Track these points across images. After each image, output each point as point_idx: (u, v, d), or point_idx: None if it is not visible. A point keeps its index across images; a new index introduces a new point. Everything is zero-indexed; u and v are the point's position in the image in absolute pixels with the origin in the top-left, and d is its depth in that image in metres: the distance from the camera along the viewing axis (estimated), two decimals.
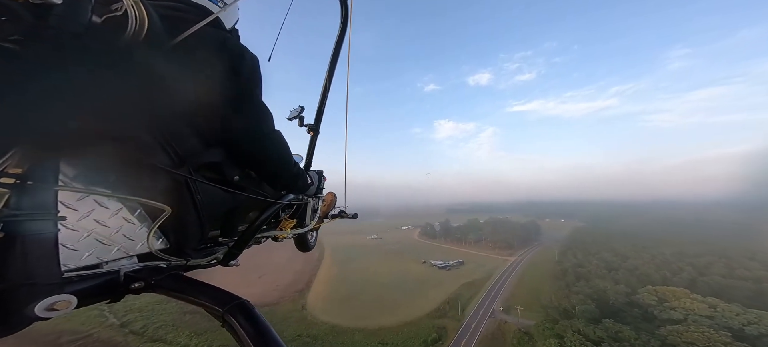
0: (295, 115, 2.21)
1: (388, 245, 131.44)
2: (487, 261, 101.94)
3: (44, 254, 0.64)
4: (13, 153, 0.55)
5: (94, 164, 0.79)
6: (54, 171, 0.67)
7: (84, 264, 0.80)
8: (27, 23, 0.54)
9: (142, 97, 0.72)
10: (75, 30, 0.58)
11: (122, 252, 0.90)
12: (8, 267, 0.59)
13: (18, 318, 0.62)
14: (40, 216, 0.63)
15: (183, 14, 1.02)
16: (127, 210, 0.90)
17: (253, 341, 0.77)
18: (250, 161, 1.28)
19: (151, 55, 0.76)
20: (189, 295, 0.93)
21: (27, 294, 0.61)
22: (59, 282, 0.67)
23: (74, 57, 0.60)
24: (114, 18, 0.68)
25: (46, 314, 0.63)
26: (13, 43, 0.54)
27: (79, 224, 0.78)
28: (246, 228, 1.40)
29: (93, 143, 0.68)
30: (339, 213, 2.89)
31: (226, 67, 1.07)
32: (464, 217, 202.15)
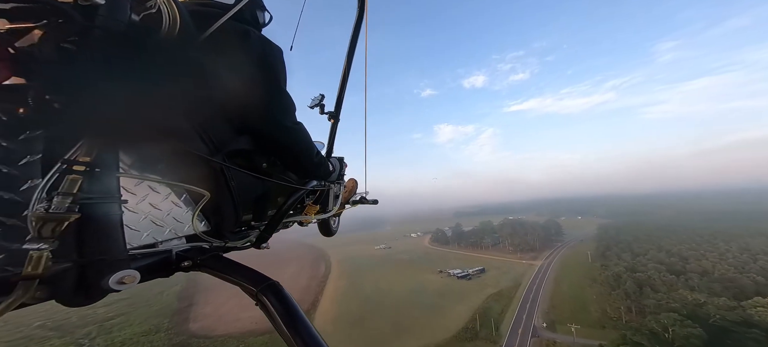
0: (316, 103, 2.24)
1: (398, 254, 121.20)
2: (510, 267, 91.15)
3: (113, 233, 0.71)
4: (81, 143, 0.62)
5: (145, 153, 0.87)
6: (115, 159, 0.74)
7: (144, 243, 0.90)
8: (79, 24, 0.59)
9: (180, 89, 0.77)
10: (118, 28, 0.63)
11: (173, 233, 0.99)
12: (85, 244, 0.66)
13: (96, 290, 0.69)
14: (108, 200, 0.70)
15: (210, 9, 1.10)
16: (174, 195, 0.99)
17: (283, 319, 0.85)
18: (275, 149, 1.34)
19: (184, 50, 0.82)
20: (228, 274, 1.01)
21: (102, 268, 0.68)
22: (126, 259, 0.74)
23: (119, 53, 0.64)
24: (150, 15, 0.73)
25: (117, 286, 0.70)
26: (70, 44, 0.59)
27: (137, 207, 0.87)
28: (275, 212, 1.47)
29: (143, 133, 0.74)
30: (360, 199, 2.88)
31: (251, 59, 1.13)
32: (475, 220, 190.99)
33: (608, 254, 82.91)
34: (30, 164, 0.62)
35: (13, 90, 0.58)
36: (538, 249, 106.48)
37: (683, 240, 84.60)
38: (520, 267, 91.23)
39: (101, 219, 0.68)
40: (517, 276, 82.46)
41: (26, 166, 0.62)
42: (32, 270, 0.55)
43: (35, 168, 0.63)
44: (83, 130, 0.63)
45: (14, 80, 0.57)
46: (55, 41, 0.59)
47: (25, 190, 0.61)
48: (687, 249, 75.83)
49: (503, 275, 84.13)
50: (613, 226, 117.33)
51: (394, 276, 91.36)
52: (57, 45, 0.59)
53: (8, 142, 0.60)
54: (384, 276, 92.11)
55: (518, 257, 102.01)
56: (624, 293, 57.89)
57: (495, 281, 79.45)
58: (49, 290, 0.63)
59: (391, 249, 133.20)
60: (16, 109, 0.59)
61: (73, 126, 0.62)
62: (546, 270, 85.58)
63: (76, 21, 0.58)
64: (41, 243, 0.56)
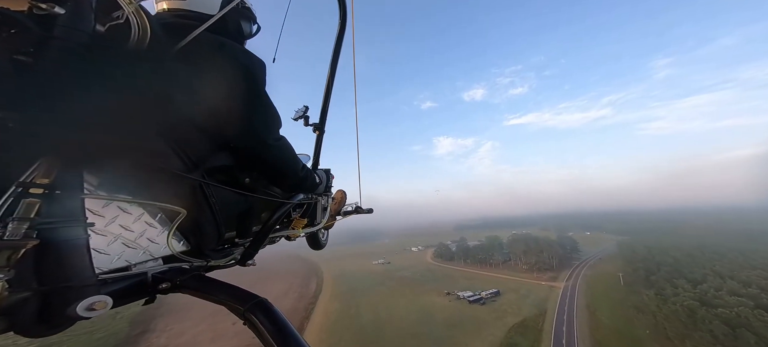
0: (300, 115, 2.19)
1: (399, 271, 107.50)
2: (528, 290, 78.12)
3: (78, 258, 0.67)
4: (39, 164, 0.57)
5: (114, 171, 0.81)
6: (79, 179, 0.69)
7: (115, 267, 0.85)
8: (36, 35, 0.55)
9: (150, 103, 0.72)
10: (80, 39, 0.59)
11: (148, 254, 0.94)
12: (47, 272, 0.62)
13: (61, 318, 0.64)
14: (71, 223, 0.65)
15: (184, 21, 1.06)
16: (148, 215, 0.94)
17: (274, 338, 0.79)
18: (256, 164, 1.29)
19: (155, 63, 0.78)
20: (212, 294, 0.95)
21: (66, 295, 0.64)
22: (95, 284, 0.70)
23: (83, 66, 0.60)
24: (116, 26, 0.69)
25: (86, 313, 0.66)
26: (26, 56, 0.55)
27: (106, 229, 0.82)
28: (260, 228, 1.43)
29: (109, 151, 0.69)
30: (354, 210, 2.81)
31: (229, 73, 1.08)
32: (480, 234, 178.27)
33: (655, 279, 68.41)
34: None
35: None
36: (555, 268, 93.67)
37: (741, 264, 69.32)
38: (539, 289, 78.23)
39: (64, 244, 0.64)
40: (539, 300, 69.45)
41: None
42: None
43: None
44: (40, 150, 0.58)
45: None
46: (7, 53, 0.54)
47: None
48: (760, 278, 59.39)
49: (522, 299, 71.06)
50: (638, 244, 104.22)
51: (395, 298, 77.88)
52: (10, 57, 0.54)
53: None
54: (383, 298, 78.57)
55: (535, 277, 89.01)
56: (710, 334, 43.60)
57: (514, 307, 66.41)
58: (6, 321, 0.59)
59: (391, 265, 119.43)
60: None
61: (29, 145, 0.57)
62: (572, 294, 72.62)
63: (31, 31, 0.54)
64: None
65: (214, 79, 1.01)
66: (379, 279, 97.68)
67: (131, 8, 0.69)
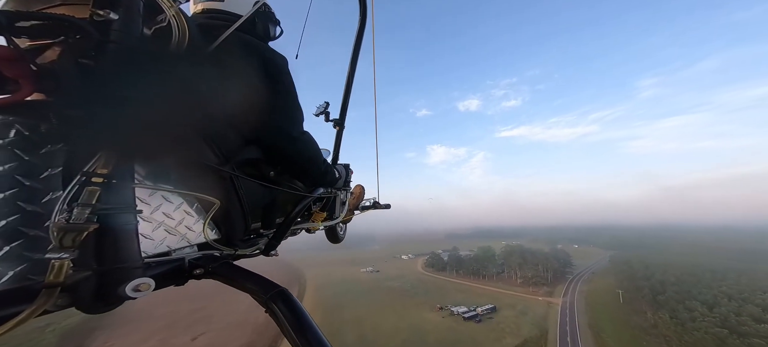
0: (321, 111, 2.24)
1: (388, 281, 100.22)
2: (525, 305, 72.74)
3: (129, 241, 0.72)
4: (99, 156, 0.62)
5: (159, 163, 0.89)
6: (130, 170, 0.74)
7: (158, 252, 0.91)
8: (95, 39, 0.60)
9: (189, 101, 0.77)
10: (131, 43, 0.64)
11: (185, 241, 1.00)
12: (103, 253, 0.67)
13: (113, 297, 0.69)
14: (124, 210, 0.70)
15: (215, 22, 1.13)
16: (186, 204, 1.00)
17: (292, 326, 0.84)
18: (282, 158, 1.34)
19: (193, 62, 0.84)
20: (239, 282, 1.00)
21: (119, 275, 0.69)
22: (142, 266, 0.75)
23: (133, 66, 0.65)
24: (160, 29, 0.75)
25: (133, 294, 0.70)
26: (88, 59, 0.60)
27: (151, 216, 0.89)
28: (282, 220, 1.48)
29: (156, 144, 0.74)
30: (372, 205, 2.85)
31: (256, 70, 1.13)
32: (471, 243, 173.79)
33: (663, 300, 62.07)
34: (51, 177, 0.64)
35: (35, 106, 0.60)
36: (550, 282, 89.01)
37: (746, 286, 64.33)
38: (536, 305, 72.99)
39: (118, 228, 0.69)
40: (537, 318, 64.05)
41: (47, 179, 0.64)
42: (54, 279, 0.56)
43: (56, 180, 0.65)
44: (101, 143, 0.63)
45: (36, 96, 0.59)
46: (73, 57, 0.60)
47: (46, 202, 0.63)
48: (752, 292, 56.15)
49: (520, 316, 65.48)
50: (628, 258, 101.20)
51: (384, 312, 70.68)
52: (75, 60, 0.60)
53: (30, 157, 0.62)
54: (370, 312, 71.15)
55: (531, 291, 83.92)
56: None
57: (513, 325, 60.66)
58: (70, 297, 0.64)
59: (380, 274, 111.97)
60: (38, 125, 0.61)
61: (92, 139, 0.63)
62: (571, 310, 67.66)
63: (92, 36, 0.60)
64: (62, 253, 0.57)
65: (243, 76, 1.06)
66: (367, 290, 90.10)
67: (172, 11, 0.75)
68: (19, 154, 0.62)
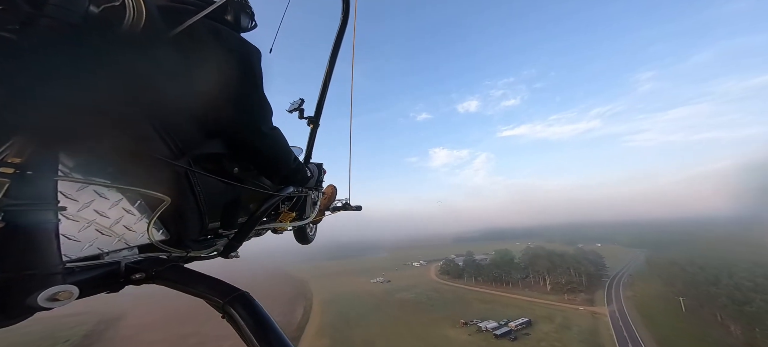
0: (295, 108, 2.15)
1: (400, 292, 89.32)
2: (565, 317, 61.32)
3: (45, 244, 0.63)
4: (12, 142, 0.54)
5: (93, 154, 0.78)
6: (53, 161, 0.66)
7: (85, 255, 0.80)
8: (24, 12, 0.53)
9: (140, 88, 0.70)
10: (72, 20, 0.57)
11: (123, 242, 0.89)
12: (9, 257, 0.58)
13: (19, 308, 0.61)
14: (41, 206, 0.62)
15: (184, 6, 1.02)
16: (126, 201, 0.89)
17: (254, 332, 0.76)
18: (248, 154, 1.26)
19: (148, 47, 0.75)
20: (190, 286, 0.91)
21: (28, 284, 0.60)
22: (60, 273, 0.66)
23: (71, 47, 0.58)
24: (112, 8, 0.67)
25: (47, 304, 0.62)
26: (10, 33, 0.53)
27: (79, 214, 0.77)
28: (246, 220, 1.38)
29: (91, 133, 0.67)
30: (343, 206, 2.78)
31: (224, 60, 1.05)
32: (483, 247, 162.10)
33: (750, 311, 47.88)
34: None
35: None
36: (584, 287, 77.12)
37: None
38: (578, 316, 61.54)
39: (31, 228, 0.60)
40: (585, 332, 52.75)
41: None
42: None
43: None
44: (15, 128, 0.55)
45: None
46: None
47: None
48: None
49: (563, 331, 54.22)
50: (680, 260, 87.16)
51: (399, 330, 59.94)
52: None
53: None
54: (384, 330, 60.46)
55: (566, 300, 72.27)
56: None
57: (557, 343, 49.78)
58: None
59: (391, 284, 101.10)
60: None
61: (4, 123, 0.55)
62: (625, 322, 55.99)
63: (20, 8, 0.53)
64: None
65: (209, 64, 0.99)
66: (378, 304, 79.38)
67: None
68: None
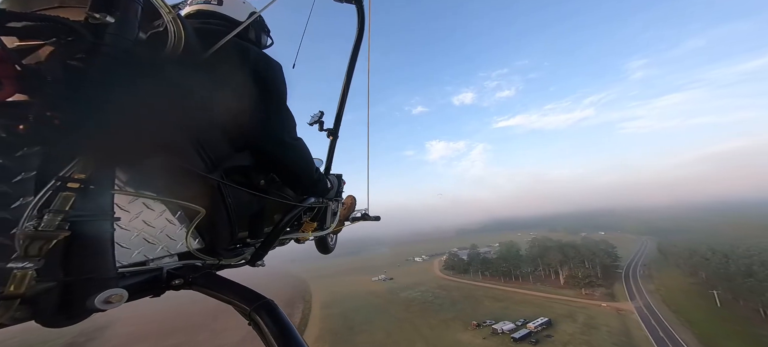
0: (315, 120, 2.23)
1: (405, 290, 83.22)
2: (588, 315, 55.57)
3: (102, 251, 0.68)
4: (77, 161, 0.59)
5: (143, 169, 0.84)
6: (110, 176, 0.71)
7: (134, 261, 0.87)
8: (88, 42, 0.58)
9: (180, 106, 0.75)
10: (125, 46, 0.63)
11: (165, 250, 0.96)
12: (73, 262, 0.63)
13: (79, 309, 0.65)
14: (100, 217, 0.67)
15: (213, 27, 1.12)
16: (169, 212, 0.96)
17: (277, 340, 0.79)
18: (273, 166, 1.31)
19: (187, 67, 0.82)
20: (221, 293, 0.95)
21: (87, 287, 0.65)
22: (114, 277, 0.71)
23: (124, 71, 0.63)
24: (156, 33, 0.73)
25: (102, 306, 0.66)
26: (77, 61, 0.59)
27: (130, 224, 0.84)
28: (271, 229, 1.44)
29: (141, 150, 0.72)
30: (362, 216, 2.84)
31: (251, 76, 1.12)
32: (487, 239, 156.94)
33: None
34: (24, 181, 0.60)
35: (15, 106, 0.57)
36: (600, 280, 71.51)
37: None
38: (602, 314, 55.86)
39: (92, 236, 0.65)
40: (615, 333, 46.98)
41: (20, 183, 0.60)
42: (14, 290, 0.52)
43: (29, 185, 0.60)
44: (81, 147, 0.60)
45: (18, 97, 0.57)
46: (62, 58, 0.58)
47: (16, 208, 0.59)
48: None
49: (591, 332, 48.39)
50: (700, 248, 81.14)
51: (406, 335, 53.69)
52: (64, 62, 0.58)
53: (4, 159, 0.58)
54: (390, 335, 54.17)
55: (584, 294, 66.71)
56: None
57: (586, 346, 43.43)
58: (30, 310, 0.60)
59: (394, 282, 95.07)
60: (16, 126, 0.58)
61: (72, 143, 0.60)
62: (658, 321, 50.27)
63: (84, 39, 0.58)
64: (26, 262, 0.53)
65: (238, 81, 1.04)
66: (382, 304, 73.25)
67: (170, 16, 0.73)
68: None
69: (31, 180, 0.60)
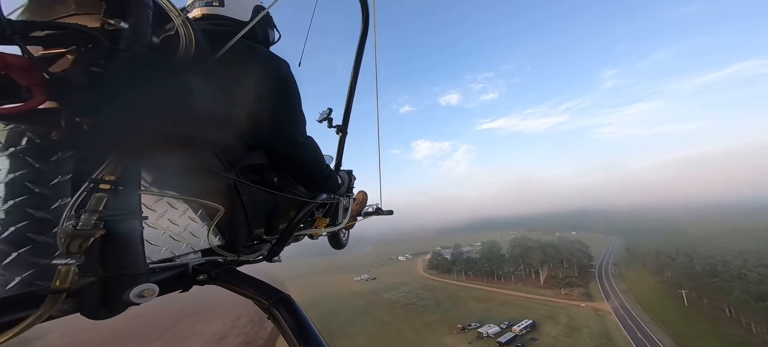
0: (324, 117, 2.24)
1: (388, 291, 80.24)
2: (570, 316, 55.89)
3: (134, 247, 0.71)
4: (108, 162, 0.62)
5: (165, 170, 0.88)
6: (137, 177, 0.74)
7: (162, 258, 0.90)
8: (106, 48, 0.60)
9: (195, 107, 0.77)
10: (140, 51, 0.64)
11: (189, 247, 0.99)
12: (109, 259, 0.66)
13: (117, 303, 0.68)
14: (130, 216, 0.70)
15: (221, 28, 1.14)
16: (191, 211, 0.99)
17: (294, 333, 0.83)
18: (286, 164, 1.33)
19: (199, 69, 0.83)
20: (241, 288, 0.99)
21: (124, 281, 0.68)
22: (146, 272, 0.75)
23: (141, 74, 0.65)
24: (168, 37, 0.75)
25: (137, 300, 0.70)
26: (99, 67, 0.61)
27: (157, 223, 0.88)
28: (286, 226, 1.47)
29: (161, 150, 0.75)
30: (375, 211, 2.85)
31: (260, 75, 1.14)
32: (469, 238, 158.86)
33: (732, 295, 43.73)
34: (60, 184, 0.64)
35: (47, 114, 0.60)
36: (578, 280, 73.37)
37: None
38: (582, 314, 56.49)
39: (124, 234, 0.68)
40: (596, 334, 47.22)
41: (57, 185, 0.64)
42: (60, 284, 0.56)
43: (65, 187, 0.65)
44: (109, 150, 0.63)
45: (48, 104, 0.59)
46: (84, 65, 0.60)
47: (55, 209, 0.63)
48: None
49: (573, 334, 48.31)
50: (665, 248, 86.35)
51: (391, 341, 50.49)
52: (86, 69, 0.60)
53: (41, 164, 0.62)
54: (373, 340, 50.62)
55: (563, 295, 67.72)
56: None
57: None
58: (75, 303, 0.63)
59: (377, 282, 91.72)
60: (49, 132, 0.61)
61: (101, 146, 0.63)
62: (634, 321, 51.42)
63: (103, 45, 0.60)
64: (69, 259, 0.57)
65: (249, 81, 1.06)
66: (364, 307, 69.52)
67: (179, 20, 0.75)
68: (30, 162, 0.62)
69: (67, 183, 0.64)
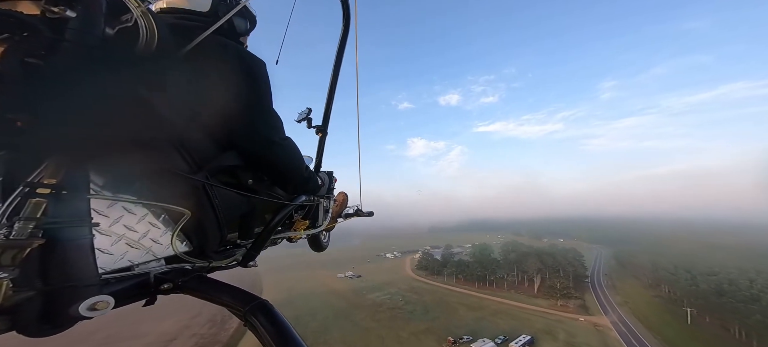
0: (303, 117, 2.18)
1: (373, 292, 73.56)
2: (568, 331, 51.12)
3: (82, 258, 0.66)
4: (46, 164, 0.57)
5: (119, 172, 0.81)
6: (85, 180, 0.68)
7: (118, 267, 0.84)
8: (47, 38, 0.55)
9: (156, 104, 0.72)
10: (90, 42, 0.59)
11: (151, 255, 0.93)
12: (50, 271, 0.61)
13: (63, 318, 0.64)
14: (76, 223, 0.64)
15: (190, 23, 1.07)
16: (152, 216, 0.92)
17: (274, 340, 0.77)
18: (260, 165, 1.26)
19: (162, 64, 0.78)
20: (213, 295, 0.93)
21: (69, 295, 0.63)
22: (97, 284, 0.69)
23: (92, 69, 0.60)
24: (125, 29, 0.69)
25: (88, 313, 0.65)
26: (36, 59, 0.55)
27: (110, 229, 0.81)
28: (262, 229, 1.40)
29: (115, 151, 0.69)
30: (355, 212, 2.81)
31: (233, 74, 1.08)
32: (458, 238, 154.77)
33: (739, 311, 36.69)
34: None
35: None
36: (573, 289, 69.15)
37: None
38: (582, 330, 51.77)
39: (69, 244, 0.63)
40: None
41: None
42: None
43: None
44: (48, 150, 0.58)
45: None
46: (18, 56, 0.54)
47: None
48: None
49: None
50: (661, 260, 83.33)
51: None
52: (21, 60, 0.54)
53: None
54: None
55: (560, 306, 63.11)
56: None
57: None
58: (8, 320, 0.57)
59: (362, 281, 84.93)
60: None
61: (38, 146, 0.57)
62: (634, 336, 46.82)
63: (43, 35, 0.55)
64: (0, 272, 0.51)
65: (220, 79, 1.01)
66: (345, 308, 62.53)
67: (139, 11, 0.69)
68: None
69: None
